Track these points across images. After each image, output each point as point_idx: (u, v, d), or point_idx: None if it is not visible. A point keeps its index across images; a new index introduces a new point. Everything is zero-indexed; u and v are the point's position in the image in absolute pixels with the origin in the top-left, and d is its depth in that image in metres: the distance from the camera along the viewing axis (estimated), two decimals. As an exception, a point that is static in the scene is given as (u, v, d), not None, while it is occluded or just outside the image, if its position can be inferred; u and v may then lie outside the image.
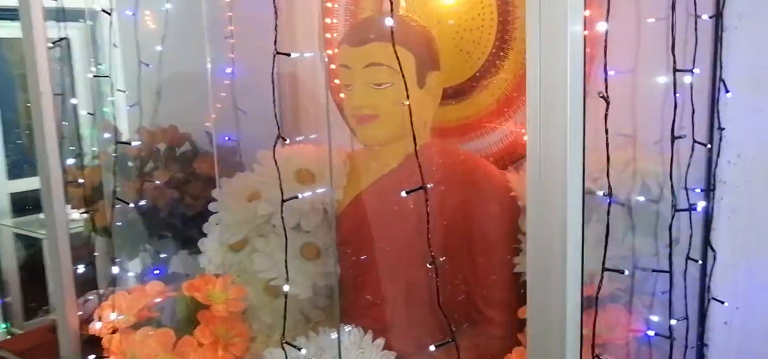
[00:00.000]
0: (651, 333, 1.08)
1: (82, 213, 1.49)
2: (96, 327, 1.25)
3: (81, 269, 1.32)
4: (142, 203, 1.50)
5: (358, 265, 1.35)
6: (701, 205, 1.14)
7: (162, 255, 1.70)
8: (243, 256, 1.41)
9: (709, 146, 1.11)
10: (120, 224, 1.41)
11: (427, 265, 1.00)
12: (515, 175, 1.34)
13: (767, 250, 1.16)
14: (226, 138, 1.64)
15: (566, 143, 0.76)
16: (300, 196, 1.15)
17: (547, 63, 0.76)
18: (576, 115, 0.76)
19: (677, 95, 1.07)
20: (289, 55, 0.94)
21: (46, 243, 2.62)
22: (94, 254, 1.44)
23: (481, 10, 1.41)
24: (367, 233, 1.35)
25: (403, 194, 1.01)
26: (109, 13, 1.13)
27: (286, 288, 1.05)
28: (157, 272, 1.53)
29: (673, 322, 1.08)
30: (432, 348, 1.01)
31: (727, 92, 1.13)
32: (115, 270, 1.20)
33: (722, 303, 1.15)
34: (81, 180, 1.48)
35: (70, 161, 1.46)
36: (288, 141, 0.96)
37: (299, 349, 1.17)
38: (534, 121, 0.78)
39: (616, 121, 0.92)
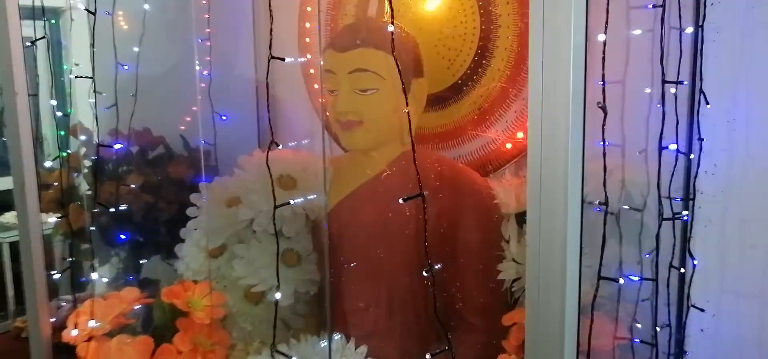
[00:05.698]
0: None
1: (60, 217, 1.44)
2: (72, 334, 1.21)
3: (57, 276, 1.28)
4: (119, 207, 1.46)
5: (340, 272, 1.34)
6: (684, 214, 1.16)
7: (133, 260, 1.66)
8: (222, 262, 1.39)
9: (692, 156, 1.14)
10: (92, 228, 1.37)
11: (424, 272, 0.99)
12: (497, 182, 1.34)
13: (739, 259, 1.19)
14: (202, 142, 1.61)
15: (567, 153, 0.77)
16: (291, 202, 1.13)
17: (550, 73, 0.77)
18: (577, 124, 0.77)
19: (659, 105, 1.09)
20: (283, 59, 0.93)
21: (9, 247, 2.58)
22: (68, 259, 1.39)
23: (464, 19, 1.41)
24: (349, 239, 1.34)
25: (401, 200, 1.00)
26: (93, 13, 1.10)
27: (277, 295, 1.03)
28: (131, 278, 1.49)
29: (658, 329, 1.09)
30: (427, 356, 1.00)
31: (708, 103, 1.16)
32: (95, 275, 1.17)
33: (701, 310, 1.18)
34: (55, 183, 1.44)
35: (48, 164, 1.42)
36: (281, 146, 0.94)
37: (290, 357, 1.15)
38: (535, 130, 0.79)
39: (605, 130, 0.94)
